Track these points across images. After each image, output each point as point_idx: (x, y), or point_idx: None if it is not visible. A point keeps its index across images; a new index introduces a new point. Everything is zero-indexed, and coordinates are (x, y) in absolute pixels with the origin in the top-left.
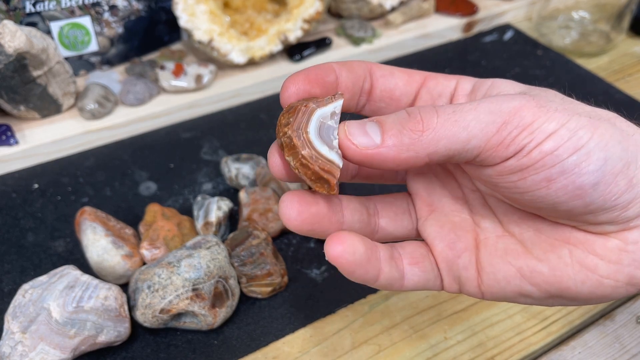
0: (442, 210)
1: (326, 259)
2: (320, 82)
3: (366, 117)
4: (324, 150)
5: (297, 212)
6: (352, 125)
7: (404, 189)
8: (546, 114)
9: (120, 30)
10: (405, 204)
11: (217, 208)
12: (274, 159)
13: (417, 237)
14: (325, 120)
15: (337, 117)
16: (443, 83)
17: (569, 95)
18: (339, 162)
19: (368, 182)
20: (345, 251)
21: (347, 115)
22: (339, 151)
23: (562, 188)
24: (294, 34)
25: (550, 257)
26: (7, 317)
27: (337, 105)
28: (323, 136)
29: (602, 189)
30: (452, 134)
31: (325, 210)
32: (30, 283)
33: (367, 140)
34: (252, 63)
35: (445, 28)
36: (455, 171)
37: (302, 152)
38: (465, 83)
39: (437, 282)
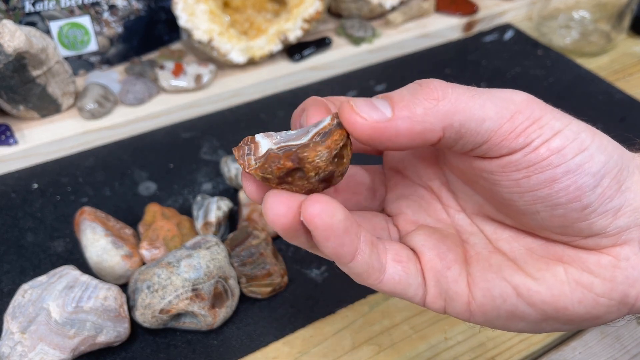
0: (428, 225)
1: (301, 218)
2: None
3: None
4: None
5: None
6: (358, 100)
7: None
8: (551, 112)
9: (119, 29)
10: (384, 222)
11: (216, 208)
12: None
13: None
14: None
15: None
16: None
17: (572, 109)
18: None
19: None
20: (323, 211)
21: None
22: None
23: (564, 188)
24: (294, 34)
25: (546, 276)
26: (7, 317)
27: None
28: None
29: (599, 191)
30: (469, 108)
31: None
32: (30, 283)
33: (377, 113)
34: (251, 63)
35: (445, 28)
36: (440, 192)
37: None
38: None
39: (419, 291)
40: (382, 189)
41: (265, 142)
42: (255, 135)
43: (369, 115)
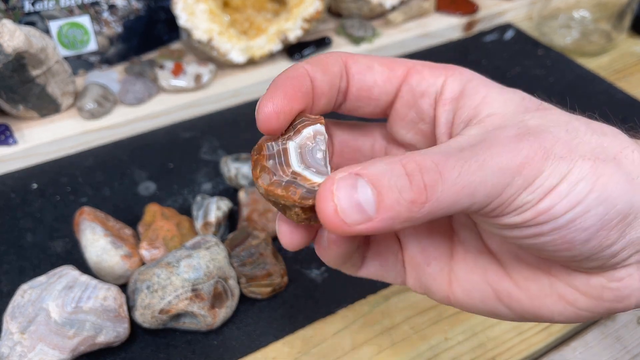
0: None
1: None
2: (298, 95)
3: (342, 115)
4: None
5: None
6: (342, 192)
7: None
8: (551, 164)
9: (119, 29)
10: None
11: (216, 208)
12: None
13: None
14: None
15: (322, 137)
16: (428, 80)
17: (573, 109)
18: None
19: None
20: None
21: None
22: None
23: (550, 242)
24: (294, 33)
25: (530, 286)
26: (6, 317)
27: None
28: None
29: (592, 244)
30: (456, 201)
31: None
32: (29, 283)
33: (360, 216)
34: (251, 62)
35: (445, 27)
36: None
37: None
38: (454, 83)
39: (398, 278)
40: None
41: (294, 156)
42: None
43: (351, 220)
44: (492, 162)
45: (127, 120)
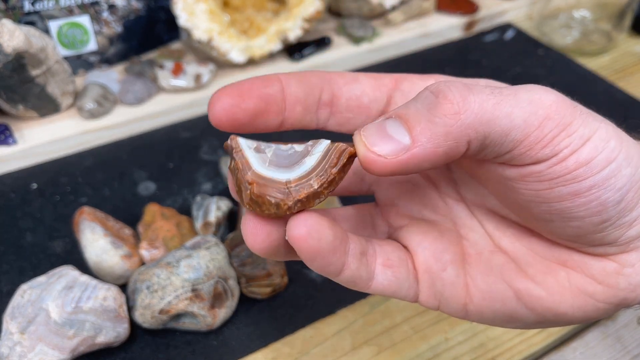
0: (422, 219)
1: (286, 237)
2: (256, 94)
3: (331, 132)
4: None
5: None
6: (370, 131)
7: (371, 199)
8: (580, 115)
9: (119, 29)
10: (368, 216)
11: (216, 208)
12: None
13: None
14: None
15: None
16: (419, 84)
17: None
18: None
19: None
20: (310, 235)
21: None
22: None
23: (585, 203)
24: (294, 33)
25: (548, 280)
26: (6, 317)
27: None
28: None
29: (622, 206)
30: (494, 118)
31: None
32: (29, 283)
33: (394, 145)
34: (251, 62)
35: (445, 27)
36: (438, 178)
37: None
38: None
39: (410, 292)
40: None
41: (252, 157)
42: (240, 142)
43: (386, 151)
44: (524, 94)
45: (127, 120)
